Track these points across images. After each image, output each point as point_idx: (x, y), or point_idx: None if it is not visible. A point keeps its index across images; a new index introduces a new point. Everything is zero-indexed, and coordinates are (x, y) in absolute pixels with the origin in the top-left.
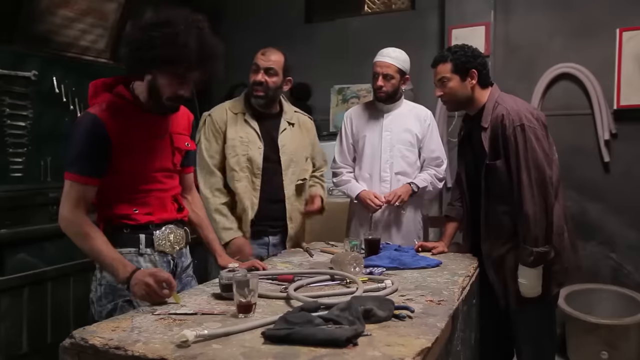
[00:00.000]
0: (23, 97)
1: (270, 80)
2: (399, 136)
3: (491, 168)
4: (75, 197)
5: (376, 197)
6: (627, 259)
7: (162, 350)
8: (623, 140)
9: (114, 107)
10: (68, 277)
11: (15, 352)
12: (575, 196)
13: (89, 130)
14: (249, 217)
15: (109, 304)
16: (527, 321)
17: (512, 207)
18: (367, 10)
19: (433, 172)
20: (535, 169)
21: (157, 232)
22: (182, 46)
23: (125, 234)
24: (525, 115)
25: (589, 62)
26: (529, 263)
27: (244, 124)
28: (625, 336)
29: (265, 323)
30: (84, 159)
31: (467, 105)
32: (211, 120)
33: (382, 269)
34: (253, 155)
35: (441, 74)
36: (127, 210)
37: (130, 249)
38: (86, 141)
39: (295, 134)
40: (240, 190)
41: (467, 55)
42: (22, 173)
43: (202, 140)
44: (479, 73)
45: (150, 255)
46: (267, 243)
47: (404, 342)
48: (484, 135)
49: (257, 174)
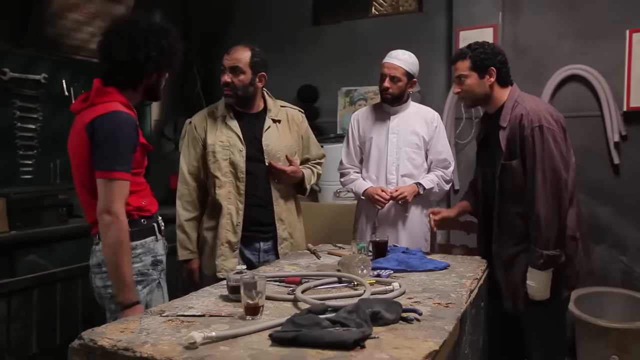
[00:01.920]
0: (33, 99)
1: (237, 79)
2: (405, 138)
3: (506, 168)
4: (124, 195)
5: (383, 191)
6: (637, 262)
7: (170, 352)
8: (633, 142)
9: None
10: (77, 279)
11: (24, 353)
12: (585, 199)
13: (132, 128)
14: (234, 222)
15: (143, 288)
16: (537, 325)
17: (525, 208)
18: (374, 13)
19: (440, 174)
20: (550, 171)
21: (159, 220)
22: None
23: (144, 225)
24: (545, 116)
25: (598, 63)
26: (539, 266)
27: (225, 128)
28: (636, 340)
29: (272, 325)
30: (130, 157)
31: (485, 103)
32: (191, 127)
33: (389, 272)
34: (235, 159)
35: (459, 71)
36: (139, 203)
37: (151, 238)
38: (131, 139)
39: (281, 131)
40: (222, 197)
41: (487, 53)
42: (32, 175)
43: (183, 148)
44: (498, 71)
45: (160, 241)
46: (258, 249)
47: (412, 345)
48: (501, 134)
49: (241, 178)
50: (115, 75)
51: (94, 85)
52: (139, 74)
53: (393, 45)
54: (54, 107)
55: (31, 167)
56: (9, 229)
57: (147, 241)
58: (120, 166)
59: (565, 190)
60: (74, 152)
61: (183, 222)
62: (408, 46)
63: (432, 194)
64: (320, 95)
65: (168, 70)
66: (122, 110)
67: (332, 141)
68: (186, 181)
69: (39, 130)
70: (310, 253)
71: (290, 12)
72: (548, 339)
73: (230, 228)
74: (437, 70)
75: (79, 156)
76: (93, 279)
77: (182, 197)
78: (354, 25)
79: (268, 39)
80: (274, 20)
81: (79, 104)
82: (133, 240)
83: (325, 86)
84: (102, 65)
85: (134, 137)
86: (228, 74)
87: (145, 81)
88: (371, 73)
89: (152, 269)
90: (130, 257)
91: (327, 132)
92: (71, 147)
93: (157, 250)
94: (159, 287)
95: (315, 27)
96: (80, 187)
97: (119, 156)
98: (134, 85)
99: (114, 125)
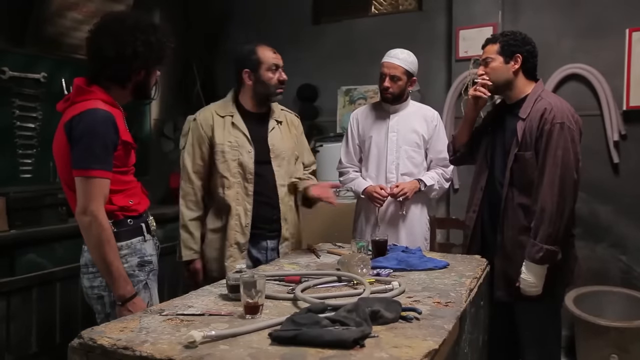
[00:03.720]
0: (33, 98)
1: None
2: (405, 137)
3: (519, 158)
4: (103, 194)
5: (382, 189)
6: (637, 261)
7: (169, 351)
8: (632, 141)
9: (109, 106)
10: (77, 278)
11: (24, 352)
12: (585, 197)
13: (109, 126)
14: (243, 224)
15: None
16: (532, 322)
17: (530, 200)
18: (374, 12)
19: (441, 172)
20: (564, 169)
21: (149, 219)
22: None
23: (130, 225)
24: (567, 115)
25: (598, 62)
26: (537, 259)
27: (232, 128)
28: (635, 339)
29: (272, 324)
30: (109, 155)
31: (506, 90)
32: (196, 124)
33: (389, 271)
34: (244, 161)
35: (486, 54)
36: (124, 203)
37: (137, 238)
38: (108, 137)
39: (284, 132)
40: (230, 198)
41: (517, 40)
42: (31, 174)
43: (187, 146)
44: (525, 60)
45: (149, 241)
46: (266, 248)
47: (411, 344)
48: (519, 125)
49: (250, 179)
50: (101, 73)
51: (74, 84)
52: (125, 70)
53: (393, 44)
54: (53, 106)
55: (31, 166)
56: (9, 228)
57: (133, 242)
58: (96, 164)
59: (574, 189)
60: (57, 153)
61: (187, 222)
62: (408, 45)
63: (433, 192)
64: (320, 94)
65: (156, 67)
66: (100, 108)
67: (332, 140)
68: (191, 180)
69: (38, 129)
70: (310, 252)
71: (290, 11)
72: (543, 336)
73: (239, 229)
74: (437, 69)
75: (61, 157)
76: (81, 279)
77: (186, 196)
78: (354, 24)
79: (268, 38)
80: (274, 19)
81: (62, 104)
82: (119, 241)
83: (325, 85)
84: (89, 63)
85: (112, 135)
86: (281, 73)
87: (133, 78)
88: (371, 72)
89: (139, 270)
90: (113, 251)
91: (327, 131)
92: (54, 148)
93: (144, 250)
94: (145, 288)
95: (315, 27)
96: (66, 188)
97: (94, 154)
98: (121, 82)
99: (89, 123)
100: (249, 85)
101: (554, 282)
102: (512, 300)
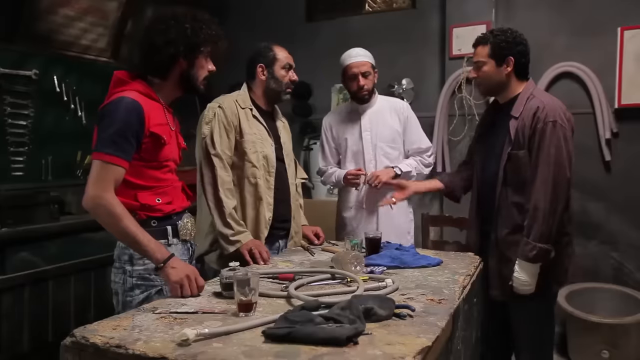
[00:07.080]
0: (24, 96)
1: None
2: (378, 134)
3: (512, 157)
4: (110, 178)
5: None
6: (628, 258)
7: (162, 349)
8: (624, 140)
9: (143, 97)
10: (69, 276)
11: (16, 351)
12: (576, 195)
13: (130, 112)
14: (266, 217)
15: (141, 293)
16: (526, 320)
17: (523, 199)
18: (368, 10)
19: (419, 158)
20: (556, 167)
21: (180, 222)
22: (207, 29)
23: (153, 227)
24: (560, 113)
25: (590, 60)
26: (530, 258)
27: (254, 121)
28: (626, 335)
29: (266, 322)
30: (123, 141)
31: (499, 91)
32: (223, 112)
33: (382, 268)
34: (268, 153)
35: (478, 57)
36: (151, 201)
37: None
38: (127, 123)
39: (287, 133)
40: (261, 189)
41: (507, 41)
42: (23, 172)
43: (214, 134)
44: (517, 61)
45: (176, 245)
46: (279, 247)
47: (405, 341)
48: (512, 124)
49: (272, 172)
50: (140, 64)
51: (114, 76)
52: (160, 58)
53: (386, 42)
54: (45, 103)
55: (22, 164)
56: (0, 226)
57: None
58: (106, 148)
59: (566, 187)
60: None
61: (232, 210)
62: (401, 43)
63: (411, 178)
64: (314, 91)
65: (198, 56)
66: (129, 96)
67: None
68: (226, 167)
69: (30, 126)
70: (304, 250)
71: (285, 9)
72: (537, 335)
73: (263, 222)
74: (430, 66)
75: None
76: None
77: (224, 184)
78: (348, 22)
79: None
80: (268, 17)
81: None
82: None
83: (319, 83)
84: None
85: (134, 123)
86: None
87: (172, 69)
88: None
89: (156, 274)
90: (131, 223)
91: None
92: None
93: None
94: (159, 294)
95: (308, 24)
96: None
97: (109, 139)
98: (161, 73)
99: (111, 109)
100: (262, 80)
101: (549, 280)
102: (507, 298)
